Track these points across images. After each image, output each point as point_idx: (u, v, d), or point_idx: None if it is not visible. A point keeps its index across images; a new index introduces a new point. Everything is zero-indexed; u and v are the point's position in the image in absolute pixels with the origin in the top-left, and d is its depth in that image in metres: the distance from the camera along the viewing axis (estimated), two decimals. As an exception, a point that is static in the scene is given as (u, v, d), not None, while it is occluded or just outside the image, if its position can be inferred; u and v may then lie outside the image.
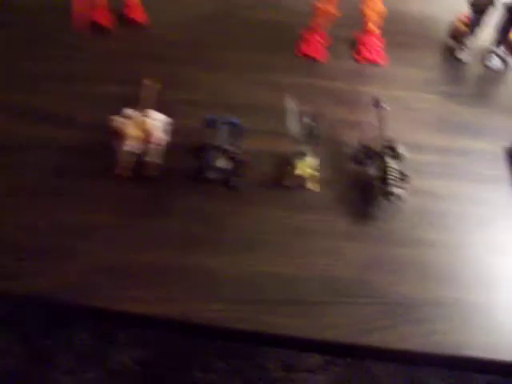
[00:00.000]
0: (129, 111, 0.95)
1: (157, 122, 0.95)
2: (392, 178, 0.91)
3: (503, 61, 1.27)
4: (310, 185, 0.96)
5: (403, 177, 0.93)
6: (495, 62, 1.27)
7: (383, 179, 0.92)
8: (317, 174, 0.96)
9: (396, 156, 0.96)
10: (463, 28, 1.27)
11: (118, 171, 0.96)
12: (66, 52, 1.23)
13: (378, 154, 0.96)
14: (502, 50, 1.26)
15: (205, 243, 0.89)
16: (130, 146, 0.92)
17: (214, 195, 0.95)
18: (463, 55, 1.28)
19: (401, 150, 0.96)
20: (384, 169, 0.93)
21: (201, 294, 0.83)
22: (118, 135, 0.92)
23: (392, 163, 0.93)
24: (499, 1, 1.20)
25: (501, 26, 1.23)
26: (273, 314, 0.82)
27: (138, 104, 0.96)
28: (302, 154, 0.94)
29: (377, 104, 1.02)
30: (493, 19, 1.24)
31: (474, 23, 1.24)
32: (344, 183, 0.99)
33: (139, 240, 0.89)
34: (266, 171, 1.00)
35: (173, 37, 1.30)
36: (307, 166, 0.94)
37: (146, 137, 0.93)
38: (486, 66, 1.27)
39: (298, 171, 0.94)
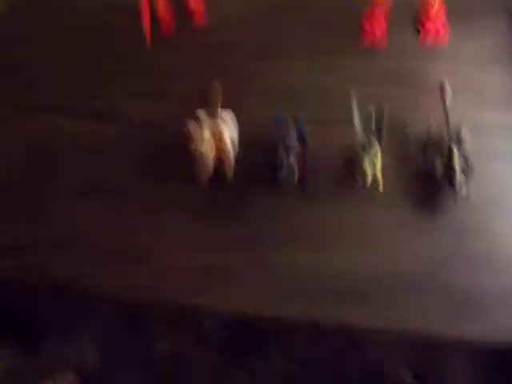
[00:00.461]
0: (202, 113, 1.02)
1: (228, 123, 1.02)
2: (457, 167, 0.93)
3: None
4: (374, 179, 0.99)
5: (469, 165, 0.94)
6: None
7: (448, 168, 0.94)
8: (379, 169, 0.98)
9: (461, 142, 0.97)
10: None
11: (199, 176, 1.02)
12: (137, 53, 1.28)
13: (442, 141, 0.97)
14: None
15: (279, 242, 0.97)
16: (206, 150, 0.99)
17: (284, 195, 1.01)
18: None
19: (465, 135, 0.97)
20: (449, 157, 0.94)
21: (282, 290, 0.91)
22: (194, 140, 0.99)
23: (457, 151, 0.94)
24: None
25: None
26: (345, 307, 0.89)
27: (209, 103, 1.03)
28: (368, 147, 0.97)
29: (442, 89, 1.02)
30: None
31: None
32: (408, 173, 1.02)
33: (215, 240, 0.98)
34: (332, 165, 1.04)
35: (233, 29, 1.31)
36: (372, 161, 0.97)
37: (220, 141, 1.00)
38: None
39: (364, 166, 0.97)
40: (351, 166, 1.00)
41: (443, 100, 1.01)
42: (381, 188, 0.97)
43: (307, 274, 0.91)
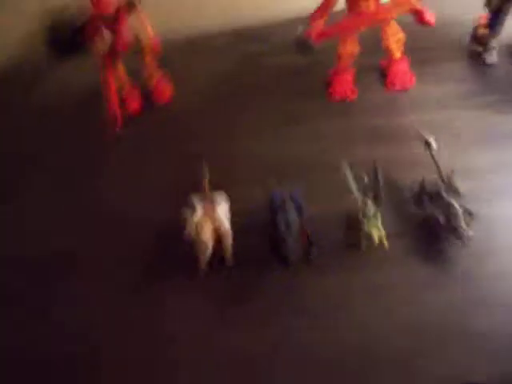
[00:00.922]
0: (195, 199, 0.99)
1: (223, 207, 1.00)
2: (459, 219, 0.93)
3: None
4: (379, 242, 0.98)
5: (469, 215, 0.95)
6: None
7: (450, 222, 0.94)
8: (383, 230, 0.97)
9: (457, 192, 0.98)
10: (485, 30, 1.26)
11: (201, 266, 1.00)
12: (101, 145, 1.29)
13: (438, 195, 0.98)
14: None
15: (291, 319, 0.93)
16: (205, 236, 0.95)
17: (290, 271, 0.98)
18: (491, 58, 1.27)
19: (458, 185, 0.98)
20: (449, 210, 0.95)
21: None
22: (191, 227, 0.96)
23: (455, 203, 0.95)
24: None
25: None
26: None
27: (201, 188, 1.01)
28: (369, 213, 0.96)
29: (427, 144, 1.03)
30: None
31: (495, 23, 1.23)
32: (411, 230, 1.01)
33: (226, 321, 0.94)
34: (334, 235, 1.02)
35: (199, 107, 1.33)
36: (376, 225, 0.97)
37: (217, 225, 0.97)
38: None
39: (369, 231, 0.95)
40: (353, 231, 0.99)
41: (431, 155, 1.02)
42: (386, 246, 0.97)
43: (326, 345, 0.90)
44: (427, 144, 1.04)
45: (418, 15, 1.12)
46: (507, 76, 1.26)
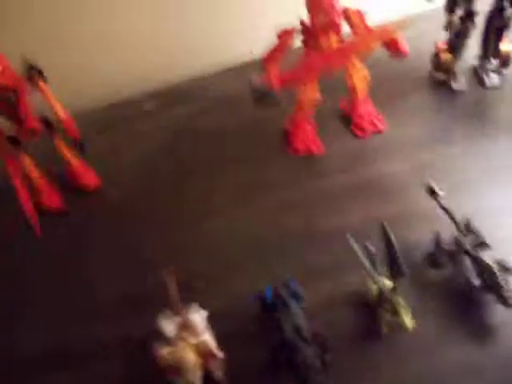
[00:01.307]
0: (166, 324, 0.71)
1: (201, 322, 0.72)
2: (496, 275, 0.75)
3: (499, 74, 1.14)
4: (407, 323, 0.75)
5: (505, 269, 0.76)
6: (494, 80, 1.13)
7: (486, 281, 0.76)
8: (408, 308, 0.76)
9: (482, 242, 0.79)
10: (447, 56, 1.13)
11: None
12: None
13: (461, 249, 0.79)
14: (494, 65, 1.14)
15: None
16: (193, 375, 0.70)
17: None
18: (459, 85, 1.14)
19: (480, 233, 0.80)
20: (480, 266, 0.76)
21: None
22: (173, 368, 0.69)
23: (489, 260, 0.76)
24: (477, 14, 1.06)
25: (486, 38, 1.10)
26: None
27: (170, 304, 0.71)
28: (386, 291, 0.75)
29: (432, 192, 0.85)
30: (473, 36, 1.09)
31: (457, 47, 1.11)
32: (436, 302, 0.80)
33: None
34: (351, 323, 0.80)
35: (135, 190, 1.08)
36: (398, 302, 0.75)
37: (205, 357, 0.71)
38: (486, 87, 1.13)
39: (406, 319, 0.73)
40: (370, 316, 0.77)
41: (440, 204, 0.84)
42: (413, 325, 0.75)
43: None
44: (431, 191, 0.86)
45: (393, 45, 0.95)
46: (477, 102, 1.12)
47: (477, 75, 1.16)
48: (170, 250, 0.93)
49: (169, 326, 0.71)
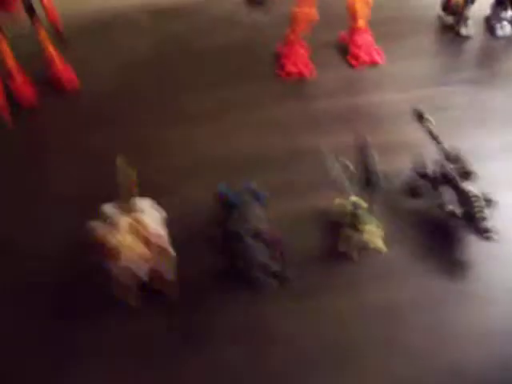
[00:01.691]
0: (108, 209, 0.66)
1: (155, 217, 0.67)
2: (481, 208, 0.69)
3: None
4: (375, 244, 0.71)
5: (489, 202, 0.71)
6: (507, 30, 1.07)
7: (469, 212, 0.70)
8: (380, 230, 0.71)
9: (469, 173, 0.73)
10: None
11: (118, 296, 0.67)
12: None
13: (445, 178, 0.73)
14: (508, 14, 1.07)
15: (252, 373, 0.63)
16: (130, 260, 0.63)
17: (256, 298, 0.68)
18: (466, 30, 1.07)
19: (469, 165, 0.74)
20: (464, 196, 0.70)
21: None
22: (107, 250, 0.63)
23: (472, 189, 0.70)
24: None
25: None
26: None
27: (119, 195, 0.67)
28: (361, 210, 0.69)
29: (420, 117, 0.79)
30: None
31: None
32: (412, 230, 0.74)
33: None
34: (310, 241, 0.74)
35: (117, 94, 1.02)
36: (372, 225, 0.70)
37: (145, 242, 0.64)
38: (498, 36, 1.07)
39: (366, 236, 0.69)
40: (342, 237, 0.71)
41: (429, 130, 0.77)
42: (384, 250, 0.71)
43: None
44: (421, 117, 0.80)
45: None
46: (484, 49, 1.07)
47: (488, 23, 1.09)
48: (134, 154, 0.86)
49: (110, 208, 0.66)
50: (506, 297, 0.67)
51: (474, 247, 0.71)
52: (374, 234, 0.70)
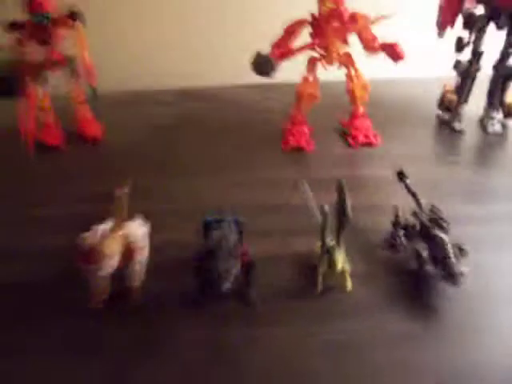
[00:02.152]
0: (99, 227, 0.70)
1: (136, 232, 0.73)
2: (448, 250, 0.71)
3: (503, 125, 1.17)
4: (346, 283, 0.74)
5: (460, 250, 0.73)
6: (496, 128, 1.16)
7: (442, 260, 0.71)
8: (347, 265, 0.74)
9: (443, 225, 0.76)
10: (452, 96, 1.17)
11: (94, 303, 0.71)
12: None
13: (423, 227, 0.77)
14: (499, 115, 1.17)
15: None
16: (110, 266, 0.68)
17: (221, 318, 0.70)
18: (459, 125, 1.16)
19: (444, 217, 0.78)
20: (441, 248, 0.72)
21: None
22: (91, 257, 0.67)
23: (445, 236, 0.73)
24: (486, 64, 1.13)
25: (493, 89, 1.15)
26: None
27: (110, 216, 0.72)
28: (334, 247, 0.73)
29: (401, 176, 0.85)
30: (482, 85, 1.15)
31: (463, 90, 1.15)
32: (384, 275, 0.77)
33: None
34: (281, 278, 0.77)
35: (134, 148, 1.14)
36: (340, 255, 0.72)
37: (129, 253, 0.70)
38: (488, 133, 1.15)
39: (339, 266, 0.72)
40: (317, 274, 0.74)
41: (407, 186, 0.83)
42: (350, 286, 0.74)
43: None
44: (400, 175, 0.86)
45: (391, 48, 1.02)
46: (476, 143, 1.15)
47: (482, 122, 1.18)
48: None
49: (102, 225, 0.71)
50: (468, 339, 0.67)
51: (445, 294, 0.72)
52: (344, 271, 0.73)
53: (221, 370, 0.64)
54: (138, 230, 0.73)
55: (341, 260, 0.72)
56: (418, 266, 0.74)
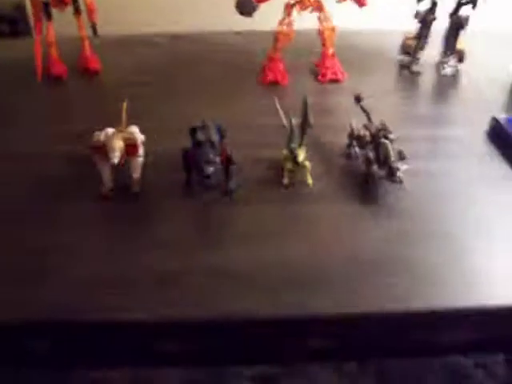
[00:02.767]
0: (108, 130, 0.88)
1: (135, 133, 0.90)
2: (390, 154, 0.88)
3: (455, 69, 1.34)
4: (307, 176, 0.92)
5: (402, 156, 0.90)
6: (448, 70, 1.33)
7: (384, 160, 0.88)
8: (309, 164, 0.91)
9: (390, 136, 0.93)
10: (413, 42, 1.33)
11: (103, 191, 0.89)
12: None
13: (373, 138, 0.93)
14: (452, 60, 1.33)
15: (204, 243, 0.80)
16: (117, 157, 0.83)
17: (206, 204, 0.88)
18: (416, 67, 1.33)
19: (393, 134, 0.95)
20: (384, 150, 0.89)
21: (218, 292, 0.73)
22: (101, 151, 0.85)
23: (390, 144, 0.91)
24: (444, 12, 1.28)
25: (448, 36, 1.31)
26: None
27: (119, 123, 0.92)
28: (297, 147, 0.90)
29: (358, 98, 1.01)
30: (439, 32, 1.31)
31: (421, 37, 1.31)
32: (339, 175, 0.95)
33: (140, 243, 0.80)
34: (256, 174, 0.95)
35: (129, 79, 1.31)
36: (305, 156, 0.90)
37: (132, 148, 0.87)
38: (441, 75, 1.32)
39: (300, 158, 0.89)
40: (283, 170, 0.92)
41: (361, 107, 1.00)
42: (310, 181, 0.92)
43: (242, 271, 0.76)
44: (357, 98, 1.02)
45: None
46: (430, 83, 1.33)
47: (437, 66, 1.35)
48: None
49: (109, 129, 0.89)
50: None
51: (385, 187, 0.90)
52: (305, 168, 0.91)
53: (209, 240, 0.82)
54: (136, 132, 0.90)
55: (302, 155, 0.90)
56: (366, 168, 0.92)
